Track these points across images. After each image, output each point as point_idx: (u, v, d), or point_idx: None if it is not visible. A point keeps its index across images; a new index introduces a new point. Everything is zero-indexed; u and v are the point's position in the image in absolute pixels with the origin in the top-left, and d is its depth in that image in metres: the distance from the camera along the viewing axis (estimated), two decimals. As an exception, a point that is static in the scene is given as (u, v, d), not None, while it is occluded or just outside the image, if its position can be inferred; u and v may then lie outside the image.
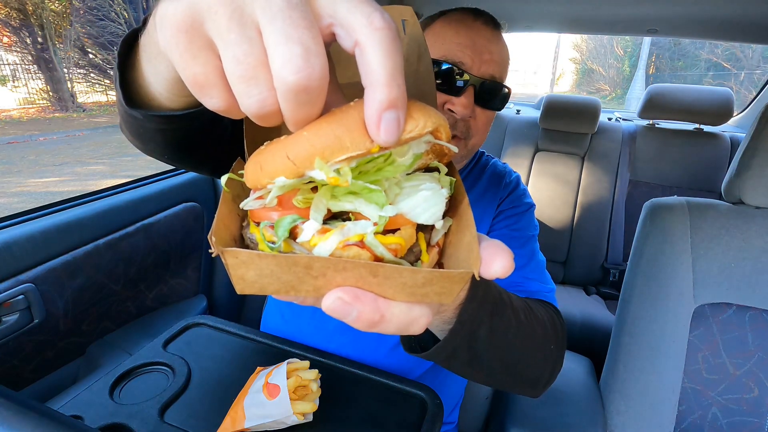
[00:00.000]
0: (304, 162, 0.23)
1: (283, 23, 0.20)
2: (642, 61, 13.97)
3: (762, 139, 0.74)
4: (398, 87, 0.21)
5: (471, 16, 0.69)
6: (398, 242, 0.25)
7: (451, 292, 0.25)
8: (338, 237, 0.24)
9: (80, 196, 1.00)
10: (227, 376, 0.63)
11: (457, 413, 0.85)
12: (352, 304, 0.24)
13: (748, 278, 0.77)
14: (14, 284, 0.78)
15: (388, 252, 0.25)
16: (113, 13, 9.93)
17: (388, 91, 0.21)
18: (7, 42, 9.36)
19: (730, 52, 12.45)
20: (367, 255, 0.24)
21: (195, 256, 1.22)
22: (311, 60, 0.20)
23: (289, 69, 0.20)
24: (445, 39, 0.68)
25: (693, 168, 1.82)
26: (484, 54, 0.67)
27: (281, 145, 0.24)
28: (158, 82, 0.36)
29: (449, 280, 0.25)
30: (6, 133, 7.85)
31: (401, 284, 0.24)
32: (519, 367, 0.50)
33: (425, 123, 0.24)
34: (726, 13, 1.22)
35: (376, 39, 0.21)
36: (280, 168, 0.23)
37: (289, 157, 0.23)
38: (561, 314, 0.63)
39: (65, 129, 8.44)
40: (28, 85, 9.71)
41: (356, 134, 0.23)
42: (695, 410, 0.79)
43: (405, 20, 0.36)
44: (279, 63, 0.20)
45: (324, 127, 0.23)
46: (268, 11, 0.20)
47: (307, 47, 0.20)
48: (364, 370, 0.66)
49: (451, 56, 0.67)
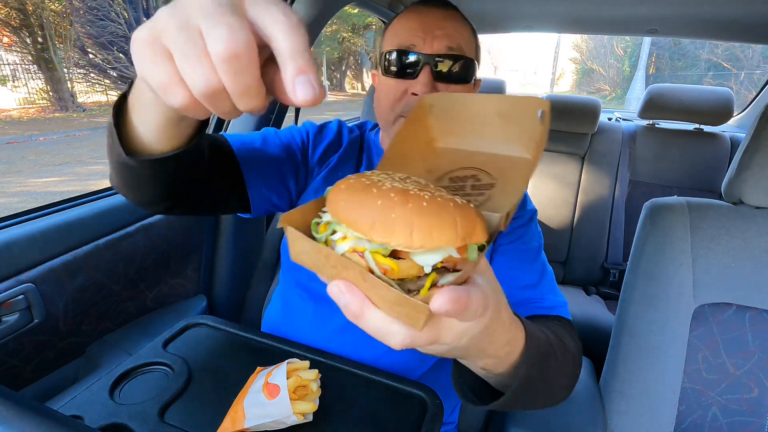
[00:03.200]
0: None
1: (213, 18, 0.26)
2: (642, 61, 13.97)
3: (762, 139, 0.74)
4: (303, 58, 0.28)
5: (420, 4, 0.72)
6: (390, 265, 0.31)
7: (417, 321, 0.30)
8: (350, 244, 0.32)
9: (80, 196, 1.00)
10: (227, 376, 0.63)
11: (457, 413, 0.85)
12: (344, 294, 0.30)
13: (748, 278, 0.77)
14: (14, 284, 0.78)
15: (377, 268, 0.31)
16: (113, 13, 9.93)
17: (295, 62, 0.27)
18: (7, 42, 9.36)
19: (730, 52, 12.44)
20: (364, 264, 0.31)
21: (195, 256, 1.22)
22: (235, 34, 0.25)
23: (218, 43, 0.25)
24: (398, 30, 0.71)
25: (693, 168, 1.82)
26: (435, 31, 0.68)
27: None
28: (147, 131, 0.44)
29: (413, 307, 0.29)
30: (6, 133, 7.85)
31: (381, 296, 0.30)
32: (555, 396, 0.54)
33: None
34: (726, 13, 1.22)
35: (280, 28, 0.27)
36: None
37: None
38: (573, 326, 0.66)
39: (65, 129, 8.44)
40: (28, 85, 9.72)
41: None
42: (695, 410, 0.79)
43: (543, 111, 0.41)
44: (211, 42, 0.26)
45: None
46: (205, 15, 0.26)
47: (231, 25, 0.26)
48: (364, 370, 0.66)
49: (403, 42, 0.69)
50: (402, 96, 0.71)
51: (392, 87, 0.71)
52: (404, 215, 0.29)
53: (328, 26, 1.50)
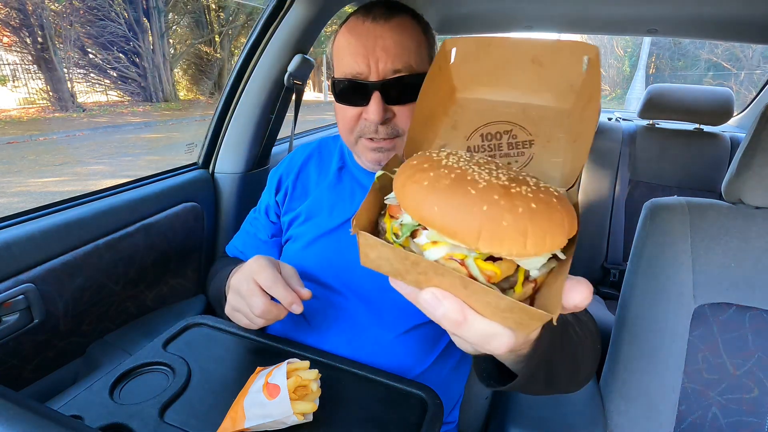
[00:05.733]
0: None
1: (248, 298, 0.64)
2: (642, 61, 13.95)
3: (762, 139, 0.74)
4: (293, 302, 0.62)
5: (361, 18, 0.69)
6: (494, 270, 0.29)
7: (528, 326, 0.28)
8: (446, 249, 0.30)
9: (80, 196, 0.99)
10: (227, 376, 0.63)
11: (457, 413, 0.85)
12: (441, 301, 0.29)
13: (748, 278, 0.77)
14: (14, 284, 0.78)
15: (481, 275, 0.29)
16: (113, 13, 9.92)
17: (289, 305, 0.63)
18: (7, 42, 9.36)
19: (730, 52, 12.44)
20: (464, 271, 0.29)
21: (195, 256, 1.22)
22: (259, 303, 0.62)
23: (255, 309, 0.63)
24: (343, 55, 0.70)
25: (693, 168, 1.82)
26: (378, 52, 0.67)
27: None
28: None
29: (528, 314, 0.27)
30: (6, 133, 7.84)
31: (486, 303, 0.28)
32: (578, 375, 0.54)
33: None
34: (726, 13, 1.22)
35: (279, 294, 0.62)
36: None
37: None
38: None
39: (65, 129, 8.43)
40: (28, 85, 9.70)
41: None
42: (695, 410, 0.79)
43: (589, 58, 0.38)
44: (252, 307, 0.63)
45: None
46: (244, 296, 0.65)
47: (256, 300, 0.63)
48: (364, 370, 0.66)
49: (349, 71, 0.69)
50: (357, 120, 0.72)
51: (347, 112, 0.72)
52: (516, 223, 0.27)
53: (328, 26, 1.52)
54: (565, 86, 0.39)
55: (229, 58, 11.74)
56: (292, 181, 0.87)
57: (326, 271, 0.77)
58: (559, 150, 0.38)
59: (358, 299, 0.76)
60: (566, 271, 0.31)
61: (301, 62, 1.19)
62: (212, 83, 11.88)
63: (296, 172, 0.87)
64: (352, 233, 0.32)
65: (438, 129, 0.43)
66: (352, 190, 0.81)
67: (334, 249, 0.78)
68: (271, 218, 0.89)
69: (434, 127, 0.43)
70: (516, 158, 0.40)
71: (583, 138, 0.37)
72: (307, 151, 0.90)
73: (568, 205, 0.31)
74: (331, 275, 0.77)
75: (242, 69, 1.22)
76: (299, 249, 0.81)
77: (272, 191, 0.89)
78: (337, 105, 0.74)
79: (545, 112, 0.40)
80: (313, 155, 0.89)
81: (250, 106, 1.24)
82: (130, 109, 10.41)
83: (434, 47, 0.75)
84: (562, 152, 0.38)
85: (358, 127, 0.72)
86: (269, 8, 1.14)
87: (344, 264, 0.76)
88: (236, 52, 11.85)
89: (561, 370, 0.48)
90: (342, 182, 0.83)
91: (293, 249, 0.82)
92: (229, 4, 11.95)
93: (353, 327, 0.75)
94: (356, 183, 0.82)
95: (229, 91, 1.24)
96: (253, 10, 10.79)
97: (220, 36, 11.93)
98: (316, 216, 0.81)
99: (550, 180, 0.38)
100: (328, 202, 0.81)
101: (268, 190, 0.91)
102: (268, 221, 0.89)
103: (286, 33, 1.16)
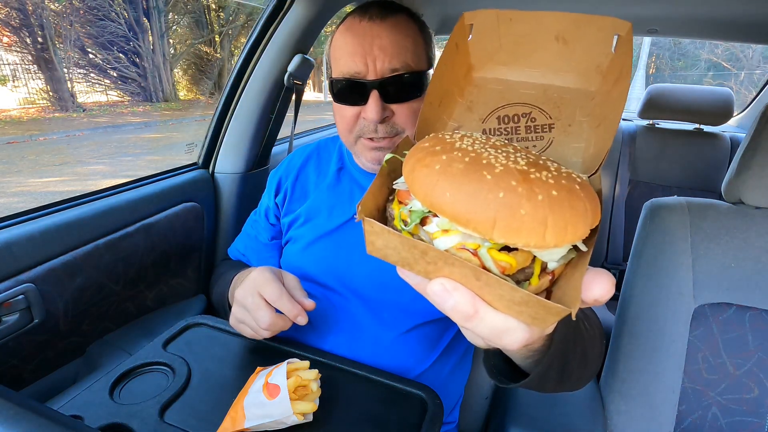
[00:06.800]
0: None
1: (254, 311, 0.64)
2: (642, 61, 13.95)
3: (762, 139, 0.74)
4: (297, 314, 0.64)
5: (357, 18, 0.70)
6: (509, 262, 0.27)
7: (545, 321, 0.26)
8: (458, 238, 0.27)
9: (80, 196, 0.99)
10: (227, 376, 0.63)
11: (457, 413, 0.85)
12: (451, 292, 0.28)
13: (748, 278, 0.77)
14: (14, 284, 0.78)
15: (495, 267, 0.27)
16: (113, 13, 9.92)
17: (293, 317, 0.64)
18: (7, 42, 9.36)
19: (730, 52, 12.44)
20: (476, 262, 0.27)
21: (195, 256, 1.22)
22: (264, 316, 0.62)
23: (261, 321, 0.63)
24: (341, 55, 0.70)
25: (693, 168, 1.82)
26: (376, 52, 0.67)
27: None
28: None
29: (545, 309, 0.25)
30: (6, 133, 7.84)
31: (499, 295, 0.26)
32: (588, 371, 0.54)
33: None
34: (726, 13, 1.22)
35: (284, 307, 0.63)
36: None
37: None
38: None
39: (65, 129, 8.43)
40: (28, 85, 9.70)
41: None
42: (695, 410, 0.79)
43: (619, 36, 0.35)
44: (258, 320, 0.63)
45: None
46: (250, 309, 0.64)
47: (262, 313, 0.63)
48: (364, 370, 0.66)
49: (347, 71, 0.69)
50: (356, 120, 0.72)
51: (345, 112, 0.72)
52: (535, 212, 0.25)
53: (328, 26, 1.51)
54: (590, 66, 0.36)
55: (229, 58, 11.73)
56: (291, 183, 0.87)
57: (326, 272, 0.77)
58: (581, 135, 0.35)
59: (358, 300, 0.76)
60: (586, 262, 0.28)
61: (301, 62, 1.19)
62: (212, 83, 11.87)
63: (295, 173, 0.87)
64: (357, 220, 0.29)
65: (452, 110, 0.41)
66: (351, 191, 0.81)
67: (334, 250, 0.78)
68: (271, 220, 0.89)
69: (448, 108, 0.41)
70: (534, 143, 0.37)
71: (609, 121, 0.34)
72: (306, 153, 0.90)
73: (592, 192, 0.29)
74: (331, 276, 0.77)
75: (242, 69, 1.22)
76: (299, 250, 0.81)
77: (272, 193, 0.89)
78: (336, 105, 0.74)
79: (568, 93, 0.37)
80: (311, 157, 0.89)
81: (250, 106, 1.24)
82: (130, 109, 10.41)
83: (431, 46, 0.76)
84: (585, 137, 0.35)
85: (357, 126, 0.72)
86: (269, 8, 1.14)
87: (344, 265, 0.76)
88: (236, 52, 11.85)
89: (573, 366, 0.47)
90: (341, 183, 0.83)
91: (293, 250, 0.82)
92: (229, 4, 11.95)
93: (353, 327, 0.75)
94: (355, 184, 0.82)
95: (229, 91, 1.24)
96: (253, 10, 10.79)
97: (220, 36, 11.92)
98: (315, 217, 0.81)
99: (571, 166, 0.35)
100: (328, 204, 0.81)
101: (267, 193, 0.91)
102: (268, 224, 0.89)
103: (286, 33, 1.16)
